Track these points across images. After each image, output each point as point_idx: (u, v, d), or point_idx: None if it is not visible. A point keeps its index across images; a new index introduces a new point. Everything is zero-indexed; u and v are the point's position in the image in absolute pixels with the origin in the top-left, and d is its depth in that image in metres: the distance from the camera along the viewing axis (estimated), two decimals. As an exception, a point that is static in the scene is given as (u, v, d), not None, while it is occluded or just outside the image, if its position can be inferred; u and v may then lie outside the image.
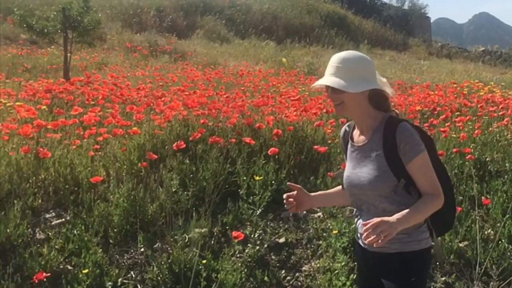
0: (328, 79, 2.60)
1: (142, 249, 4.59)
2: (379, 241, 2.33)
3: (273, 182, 5.50)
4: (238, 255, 4.76)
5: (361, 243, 2.81)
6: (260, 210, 5.02)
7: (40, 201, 4.88)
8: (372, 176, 2.62)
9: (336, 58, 2.62)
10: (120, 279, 4.21)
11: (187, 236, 4.62)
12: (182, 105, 6.88)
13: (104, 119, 6.50)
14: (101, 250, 4.33)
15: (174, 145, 5.54)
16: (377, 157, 2.63)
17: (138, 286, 4.25)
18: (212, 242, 4.79)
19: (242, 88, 12.27)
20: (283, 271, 4.73)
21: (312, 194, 3.04)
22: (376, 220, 2.37)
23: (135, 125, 6.32)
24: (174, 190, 5.16)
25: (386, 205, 2.62)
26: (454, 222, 3.02)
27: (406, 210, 2.49)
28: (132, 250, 4.63)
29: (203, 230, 4.69)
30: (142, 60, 18.95)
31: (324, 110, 8.26)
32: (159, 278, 4.26)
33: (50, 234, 4.53)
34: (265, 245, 4.91)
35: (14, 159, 5.10)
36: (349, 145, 2.83)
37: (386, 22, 39.24)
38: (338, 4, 38.54)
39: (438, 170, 2.69)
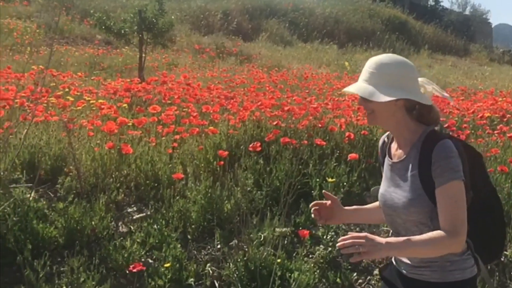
0: (357, 85, 2.30)
1: (219, 246, 4.55)
2: (354, 255, 2.08)
3: (344, 184, 5.39)
4: (310, 256, 4.67)
5: (397, 266, 2.46)
6: (333, 212, 4.90)
7: (122, 195, 4.91)
8: (406, 199, 2.25)
9: (371, 62, 2.29)
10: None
11: (262, 235, 4.55)
12: (257, 106, 6.83)
13: (180, 118, 6.52)
14: (180, 245, 4.31)
15: (250, 146, 5.49)
16: (412, 178, 2.25)
17: (215, 282, 4.21)
18: (285, 242, 4.72)
19: (307, 90, 12.15)
20: (355, 274, 4.61)
21: (346, 208, 2.63)
22: (362, 234, 2.10)
23: (209, 125, 6.32)
24: (248, 189, 5.12)
25: (426, 231, 2.22)
26: (503, 250, 2.57)
27: (404, 238, 2.17)
28: (209, 246, 4.60)
29: (283, 230, 4.62)
30: (209, 62, 19.10)
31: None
32: (235, 275, 4.21)
33: (132, 228, 4.56)
34: (337, 247, 4.79)
35: (99, 154, 5.15)
36: (386, 159, 2.45)
37: (447, 27, 38.27)
38: (399, 9, 37.86)
39: (487, 190, 2.34)
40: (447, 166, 2.15)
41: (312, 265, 4.50)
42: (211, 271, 4.31)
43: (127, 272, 3.91)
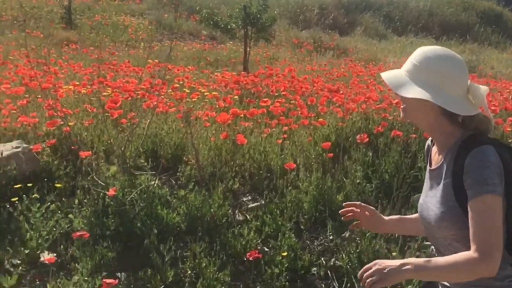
0: (392, 73, 1.97)
1: (331, 237, 4.40)
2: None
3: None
4: (422, 251, 4.42)
5: None
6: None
7: (238, 184, 4.86)
8: (439, 211, 1.89)
9: (416, 53, 1.94)
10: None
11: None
12: (364, 99, 6.61)
13: (288, 110, 6.41)
14: (293, 234, 4.20)
15: (358, 137, 5.30)
16: (445, 187, 1.88)
17: (329, 272, 4.07)
18: (397, 235, 4.48)
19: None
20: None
21: (389, 218, 2.31)
22: (372, 262, 1.79)
23: (316, 117, 6.18)
24: (358, 181, 4.94)
25: (463, 249, 1.83)
26: None
27: (424, 259, 1.78)
28: (321, 237, 4.46)
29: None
30: (307, 56, 18.88)
31: (504, 107, 7.56)
32: (348, 266, 4.05)
33: (248, 216, 4.49)
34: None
35: (214, 144, 5.13)
36: (427, 165, 2.08)
37: (546, 19, 35.82)
38: (494, 1, 35.82)
39: None
40: (480, 177, 1.77)
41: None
42: (324, 262, 4.17)
43: (245, 259, 3.84)
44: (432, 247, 2.08)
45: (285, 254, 3.88)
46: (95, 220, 3.86)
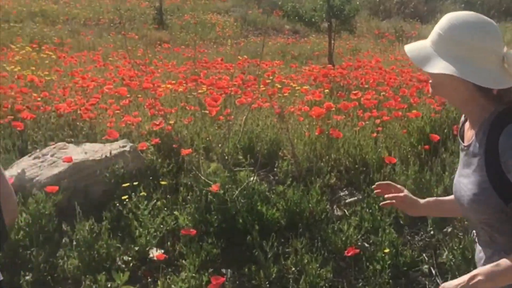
0: (416, 45, 1.71)
1: (432, 232, 4.14)
2: None
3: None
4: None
5: None
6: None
7: (334, 179, 4.69)
8: (471, 193, 1.65)
9: (443, 21, 1.66)
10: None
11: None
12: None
13: (380, 102, 6.15)
14: (393, 230, 3.98)
15: (454, 127, 4.97)
16: (478, 167, 1.63)
17: (432, 269, 3.83)
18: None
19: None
20: None
21: (424, 200, 2.07)
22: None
23: (408, 109, 5.88)
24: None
25: (496, 235, 1.66)
26: None
27: (491, 265, 1.54)
28: (422, 232, 4.21)
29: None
30: (389, 46, 18.28)
31: None
32: (451, 262, 3.79)
33: (346, 211, 4.31)
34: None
35: (309, 139, 4.98)
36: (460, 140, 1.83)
37: None
38: None
39: None
40: None
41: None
42: (426, 258, 3.93)
43: (345, 255, 3.68)
44: (473, 231, 1.84)
45: (387, 250, 3.68)
46: (199, 216, 3.82)
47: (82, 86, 6.80)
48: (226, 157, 4.54)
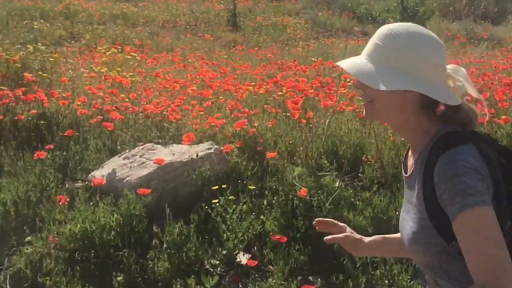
0: (352, 61, 1.42)
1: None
2: None
3: None
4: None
5: None
6: None
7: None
8: (410, 231, 1.38)
9: (380, 31, 1.40)
10: None
11: None
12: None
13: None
14: None
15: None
16: (418, 201, 1.37)
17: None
18: None
19: None
20: None
21: (369, 238, 1.71)
22: None
23: (496, 114, 5.47)
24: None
25: (439, 280, 1.39)
26: None
27: None
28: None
29: None
30: (461, 48, 17.46)
31: None
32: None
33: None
34: None
35: (392, 143, 4.70)
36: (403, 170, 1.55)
37: None
38: None
39: None
40: (456, 187, 1.23)
41: None
42: None
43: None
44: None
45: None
46: (285, 221, 3.64)
47: (165, 87, 6.77)
48: (310, 162, 4.34)
